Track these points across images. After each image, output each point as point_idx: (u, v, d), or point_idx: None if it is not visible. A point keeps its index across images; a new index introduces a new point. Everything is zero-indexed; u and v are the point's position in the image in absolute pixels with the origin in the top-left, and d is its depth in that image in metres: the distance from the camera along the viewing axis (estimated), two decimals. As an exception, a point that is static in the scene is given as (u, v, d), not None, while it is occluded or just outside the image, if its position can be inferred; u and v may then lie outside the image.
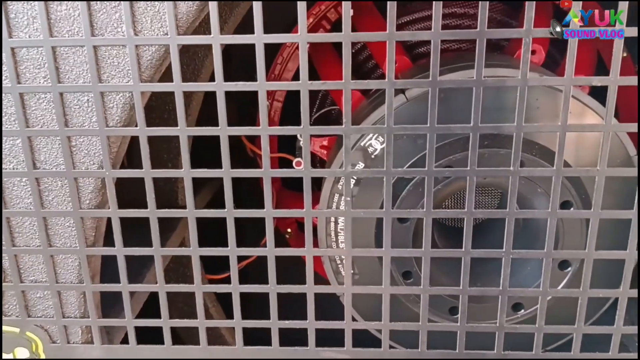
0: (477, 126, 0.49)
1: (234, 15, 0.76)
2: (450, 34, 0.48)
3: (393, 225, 0.76)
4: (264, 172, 0.51)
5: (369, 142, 0.75)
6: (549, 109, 0.72)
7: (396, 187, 0.75)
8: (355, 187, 0.76)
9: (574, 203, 0.72)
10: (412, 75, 0.82)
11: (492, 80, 0.48)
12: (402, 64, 0.86)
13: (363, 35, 0.48)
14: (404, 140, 0.75)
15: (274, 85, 0.49)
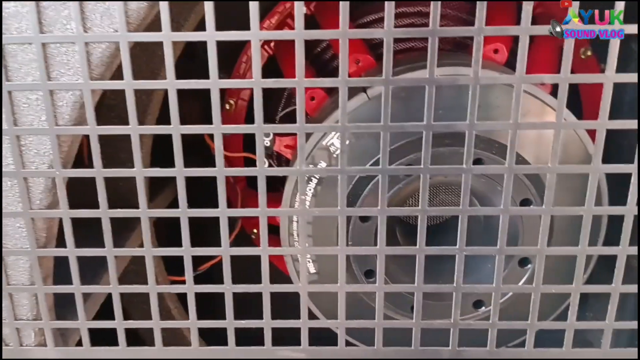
0: (430, 124, 0.49)
1: (195, 12, 0.75)
2: (402, 32, 0.48)
3: (355, 224, 0.77)
4: (217, 170, 0.51)
5: (330, 141, 0.75)
6: (510, 108, 0.72)
7: (358, 186, 0.75)
8: (318, 186, 0.76)
9: (534, 201, 0.73)
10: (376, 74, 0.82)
11: (444, 78, 0.49)
12: (366, 63, 0.86)
13: (315, 33, 0.48)
14: (366, 138, 0.75)
15: (226, 83, 0.49)
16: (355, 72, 0.86)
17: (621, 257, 0.52)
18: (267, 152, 0.92)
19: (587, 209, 0.51)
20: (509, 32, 0.48)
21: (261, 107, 0.49)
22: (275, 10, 0.90)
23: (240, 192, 1.02)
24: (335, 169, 0.51)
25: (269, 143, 0.91)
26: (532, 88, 0.74)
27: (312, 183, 0.75)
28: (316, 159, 0.75)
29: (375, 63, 0.86)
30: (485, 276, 0.80)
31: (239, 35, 0.48)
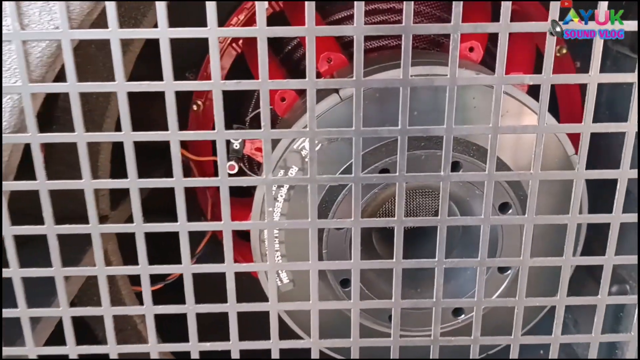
0: (405, 129, 0.46)
1: (154, 7, 0.70)
2: (373, 30, 0.44)
3: (329, 230, 0.73)
4: (175, 181, 0.47)
5: (301, 144, 0.71)
6: (487, 109, 0.69)
7: (333, 190, 0.71)
8: (291, 190, 0.72)
9: (513, 205, 0.70)
10: (348, 74, 0.79)
11: (419, 79, 0.45)
12: (338, 61, 0.82)
13: (279, 30, 0.44)
14: (338, 142, 0.71)
15: (181, 85, 0.44)
16: (327, 71, 0.83)
17: (607, 268, 0.49)
18: (237, 156, 0.88)
19: (572, 218, 0.48)
20: (487, 30, 0.45)
21: (222, 111, 0.45)
22: (243, 6, 0.86)
23: (211, 197, 0.98)
24: (304, 178, 0.47)
25: (238, 146, 0.87)
26: (509, 88, 0.71)
27: (284, 187, 0.72)
28: (287, 163, 0.72)
29: (348, 62, 0.83)
30: (465, 282, 0.78)
31: (194, 32, 0.44)
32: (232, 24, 0.87)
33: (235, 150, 0.87)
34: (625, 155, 0.46)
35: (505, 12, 0.43)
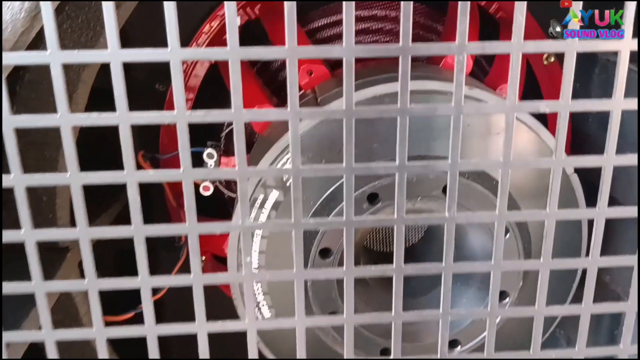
0: (404, 165, 0.39)
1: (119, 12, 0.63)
2: (366, 51, 0.37)
3: (315, 261, 0.66)
4: (134, 230, 0.39)
5: (284, 166, 0.65)
6: (481, 126, 0.64)
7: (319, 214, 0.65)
8: (273, 211, 0.66)
9: (510, 229, 0.65)
10: (330, 88, 0.72)
11: (420, 107, 0.38)
12: (319, 73, 0.75)
13: (255, 53, 0.37)
14: (322, 164, 0.65)
15: (139, 118, 0.37)
16: (308, 84, 0.76)
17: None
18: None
19: (591, 261, 0.41)
20: (497, 50, 0.38)
21: (188, 148, 0.38)
22: (215, 13, 0.78)
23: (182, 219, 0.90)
24: (288, 223, 0.40)
25: (214, 165, 0.80)
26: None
27: (267, 205, 0.65)
28: (267, 187, 0.65)
29: (330, 74, 0.76)
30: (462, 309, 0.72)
31: (153, 55, 0.36)
32: (204, 32, 0.80)
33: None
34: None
35: (517, 31, 0.37)
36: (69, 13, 0.58)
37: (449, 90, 0.65)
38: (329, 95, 0.69)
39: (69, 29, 0.59)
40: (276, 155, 0.66)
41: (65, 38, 0.59)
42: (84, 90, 0.62)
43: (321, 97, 0.70)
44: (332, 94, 0.70)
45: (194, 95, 0.82)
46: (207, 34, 0.79)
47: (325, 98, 0.69)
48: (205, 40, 0.80)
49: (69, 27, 0.59)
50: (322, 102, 0.69)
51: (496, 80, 0.76)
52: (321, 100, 0.69)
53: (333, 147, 0.64)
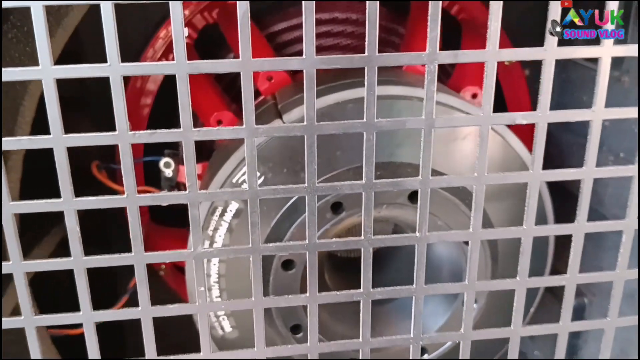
0: (371, 183, 0.36)
1: (62, 26, 0.59)
2: (328, 62, 0.34)
3: (277, 273, 0.63)
4: (73, 262, 0.35)
5: (242, 177, 0.62)
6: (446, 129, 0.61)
7: (280, 227, 0.62)
8: (235, 220, 0.62)
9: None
10: (291, 93, 0.69)
11: (387, 122, 0.35)
12: (279, 78, 0.72)
13: (206, 67, 0.33)
14: (284, 174, 0.62)
15: (74, 139, 0.33)
16: (268, 90, 0.73)
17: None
18: (171, 184, 0.77)
19: (570, 278, 0.39)
20: (470, 59, 0.36)
21: (132, 172, 0.34)
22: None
23: (144, 227, 0.86)
24: (247, 248, 0.36)
25: (171, 174, 0.76)
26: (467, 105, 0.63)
27: (228, 215, 0.62)
28: (226, 200, 0.61)
29: (290, 79, 0.73)
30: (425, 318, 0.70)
31: (89, 71, 0.32)
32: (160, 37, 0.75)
33: (168, 179, 0.76)
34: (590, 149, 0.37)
35: (493, 37, 0.34)
36: (14, 22, 0.53)
37: (413, 95, 0.63)
38: (290, 102, 0.66)
39: (14, 39, 0.54)
40: (235, 165, 0.62)
41: (11, 48, 0.54)
42: (31, 102, 0.57)
43: (282, 104, 0.67)
44: (293, 100, 0.67)
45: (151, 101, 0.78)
46: (164, 39, 0.75)
47: (286, 105, 0.66)
48: (162, 45, 0.76)
49: (14, 37, 0.54)
50: (282, 109, 0.65)
51: (459, 82, 0.74)
52: (282, 107, 0.66)
53: (294, 157, 0.61)
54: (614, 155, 0.67)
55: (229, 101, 0.78)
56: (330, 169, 0.61)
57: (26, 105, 0.58)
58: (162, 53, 0.77)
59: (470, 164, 0.63)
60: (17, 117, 0.58)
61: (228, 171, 0.62)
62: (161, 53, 0.77)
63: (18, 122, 0.58)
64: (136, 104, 0.78)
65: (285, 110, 0.64)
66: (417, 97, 0.62)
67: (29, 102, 0.57)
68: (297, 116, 0.62)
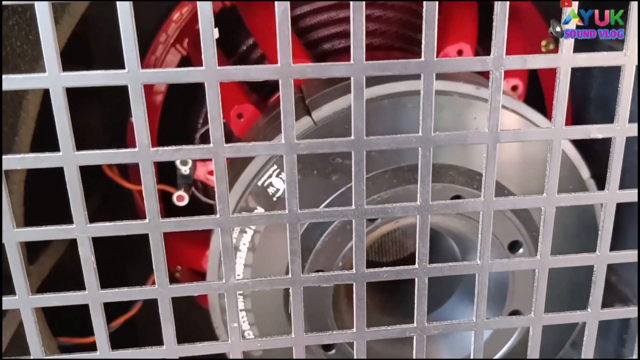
0: (427, 206, 0.31)
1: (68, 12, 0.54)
2: (378, 67, 0.29)
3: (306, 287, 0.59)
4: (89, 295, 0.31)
5: (268, 180, 0.57)
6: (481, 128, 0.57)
7: (308, 238, 0.57)
8: (256, 236, 0.58)
9: (524, 243, 0.59)
10: (316, 88, 0.64)
11: (446, 136, 0.31)
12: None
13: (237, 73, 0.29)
14: (314, 176, 0.57)
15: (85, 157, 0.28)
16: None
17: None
18: (187, 182, 0.73)
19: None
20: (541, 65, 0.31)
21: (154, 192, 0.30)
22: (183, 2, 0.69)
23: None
24: (286, 278, 0.32)
25: (188, 171, 0.71)
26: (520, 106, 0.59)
27: (248, 234, 0.58)
28: (250, 204, 0.57)
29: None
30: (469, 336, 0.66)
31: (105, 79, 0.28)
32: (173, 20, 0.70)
33: (184, 177, 0.71)
34: None
35: (567, 42, 0.29)
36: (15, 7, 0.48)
37: (454, 91, 0.58)
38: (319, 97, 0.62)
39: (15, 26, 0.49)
40: (260, 167, 0.58)
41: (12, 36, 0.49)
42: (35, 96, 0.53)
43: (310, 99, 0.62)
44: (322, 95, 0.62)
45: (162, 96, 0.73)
46: (178, 23, 0.70)
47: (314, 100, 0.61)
48: (176, 30, 0.71)
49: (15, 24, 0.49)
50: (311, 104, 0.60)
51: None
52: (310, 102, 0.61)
53: (325, 157, 0.56)
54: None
55: (248, 91, 0.74)
56: (370, 170, 0.57)
57: (30, 100, 0.53)
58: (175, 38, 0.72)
59: (511, 164, 0.58)
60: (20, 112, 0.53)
61: (252, 173, 0.58)
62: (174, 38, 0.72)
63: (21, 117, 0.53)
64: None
65: (315, 106, 0.60)
66: (458, 92, 0.58)
67: (32, 96, 0.53)
68: (328, 113, 0.58)
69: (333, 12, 0.75)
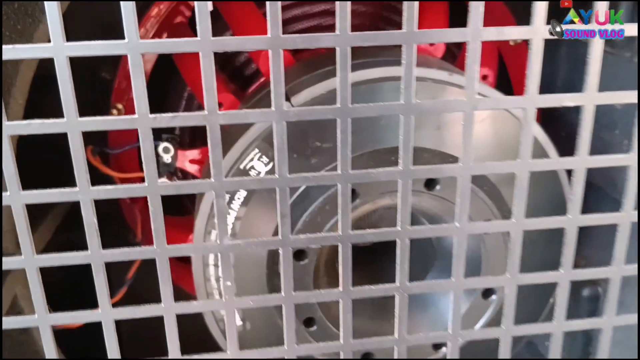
0: (409, 170, 0.34)
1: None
2: (363, 38, 0.31)
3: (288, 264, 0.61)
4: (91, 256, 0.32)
5: (250, 163, 0.59)
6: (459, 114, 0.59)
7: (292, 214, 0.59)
8: (243, 208, 0.59)
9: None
10: (296, 74, 0.65)
11: (428, 104, 0.33)
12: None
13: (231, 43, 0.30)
14: (294, 159, 0.59)
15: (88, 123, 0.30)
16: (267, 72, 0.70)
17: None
18: (169, 170, 0.74)
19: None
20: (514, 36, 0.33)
21: (153, 158, 0.31)
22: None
23: (140, 213, 0.83)
24: (276, 240, 0.34)
25: (170, 159, 0.73)
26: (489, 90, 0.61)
27: (236, 203, 0.59)
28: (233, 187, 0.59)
29: (294, 59, 0.70)
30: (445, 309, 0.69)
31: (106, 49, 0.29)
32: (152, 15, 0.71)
33: (166, 165, 0.73)
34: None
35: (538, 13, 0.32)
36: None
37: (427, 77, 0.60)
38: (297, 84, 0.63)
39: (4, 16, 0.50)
40: (242, 151, 0.59)
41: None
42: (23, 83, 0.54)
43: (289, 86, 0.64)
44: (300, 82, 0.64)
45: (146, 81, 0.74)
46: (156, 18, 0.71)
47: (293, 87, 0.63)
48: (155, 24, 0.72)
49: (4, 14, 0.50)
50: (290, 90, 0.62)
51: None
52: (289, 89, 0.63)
53: (305, 140, 0.58)
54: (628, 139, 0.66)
55: (227, 80, 0.75)
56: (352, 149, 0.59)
57: (18, 87, 0.54)
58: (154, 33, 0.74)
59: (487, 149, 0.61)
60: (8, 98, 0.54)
61: (235, 157, 0.59)
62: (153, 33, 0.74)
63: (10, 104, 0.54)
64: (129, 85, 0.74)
65: (293, 92, 0.61)
66: (432, 78, 0.60)
67: (20, 83, 0.54)
68: (307, 98, 0.59)
69: (307, 7, 0.77)
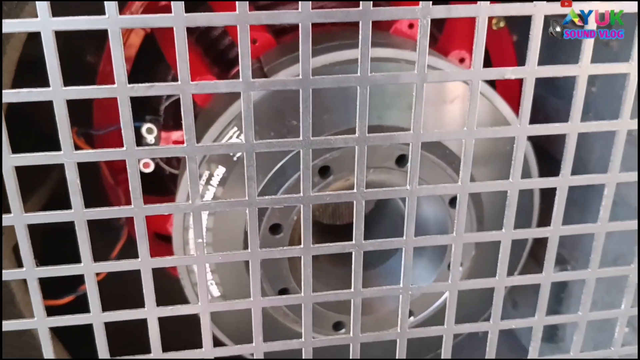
0: (365, 137, 0.37)
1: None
2: (322, 15, 0.35)
3: (264, 237, 0.64)
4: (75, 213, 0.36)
5: (230, 140, 0.62)
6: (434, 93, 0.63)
7: (267, 191, 0.63)
8: (220, 188, 0.63)
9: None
10: (276, 56, 0.69)
11: (381, 77, 0.36)
12: (263, 42, 0.72)
13: (202, 19, 0.34)
14: (271, 137, 0.63)
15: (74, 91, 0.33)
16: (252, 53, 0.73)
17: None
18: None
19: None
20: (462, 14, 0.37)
21: (131, 124, 0.35)
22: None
23: (124, 195, 0.86)
24: (243, 200, 0.37)
25: (153, 140, 0.76)
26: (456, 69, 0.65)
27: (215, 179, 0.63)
28: (213, 163, 0.62)
29: (275, 42, 0.73)
30: (415, 280, 0.72)
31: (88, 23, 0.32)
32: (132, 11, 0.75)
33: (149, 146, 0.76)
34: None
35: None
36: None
37: (401, 58, 0.64)
38: (276, 64, 0.66)
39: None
40: (221, 130, 0.63)
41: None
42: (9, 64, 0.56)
43: (268, 67, 0.67)
44: (279, 63, 0.67)
45: (129, 67, 0.77)
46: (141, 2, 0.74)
47: (272, 68, 0.66)
48: (140, 7, 0.75)
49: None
50: (269, 71, 0.66)
51: (447, 46, 0.75)
52: (268, 70, 0.66)
53: (281, 119, 0.62)
54: (600, 121, 0.70)
55: (209, 64, 0.78)
56: (317, 133, 0.62)
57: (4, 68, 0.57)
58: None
59: (455, 125, 0.64)
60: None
61: (214, 135, 0.63)
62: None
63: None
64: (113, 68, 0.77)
65: (272, 72, 0.65)
66: (405, 59, 0.63)
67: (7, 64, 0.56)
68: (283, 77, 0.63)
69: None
